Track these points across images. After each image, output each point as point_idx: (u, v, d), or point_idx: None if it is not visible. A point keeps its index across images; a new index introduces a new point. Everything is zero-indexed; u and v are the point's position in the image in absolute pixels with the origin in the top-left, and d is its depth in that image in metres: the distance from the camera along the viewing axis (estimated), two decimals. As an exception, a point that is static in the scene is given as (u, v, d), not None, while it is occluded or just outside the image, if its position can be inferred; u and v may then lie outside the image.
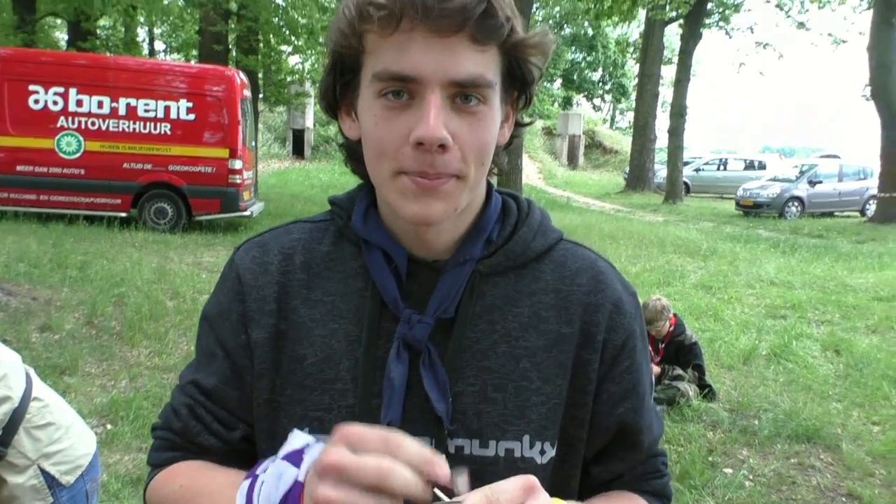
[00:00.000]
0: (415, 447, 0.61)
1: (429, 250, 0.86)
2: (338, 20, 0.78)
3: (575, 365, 0.86)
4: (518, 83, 0.82)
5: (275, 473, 0.70)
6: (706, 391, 5.04)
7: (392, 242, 0.86)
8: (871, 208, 18.54)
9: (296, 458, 0.70)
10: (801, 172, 20.33)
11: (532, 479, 0.61)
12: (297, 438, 0.72)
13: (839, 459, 4.26)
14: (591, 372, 0.87)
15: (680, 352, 5.18)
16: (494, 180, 0.95)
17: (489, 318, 0.85)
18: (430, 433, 0.81)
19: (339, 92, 0.84)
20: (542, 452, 0.84)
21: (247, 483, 0.72)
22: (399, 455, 0.60)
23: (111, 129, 10.53)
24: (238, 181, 10.96)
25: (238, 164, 10.92)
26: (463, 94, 0.75)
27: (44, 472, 1.86)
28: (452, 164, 0.76)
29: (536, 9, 27.35)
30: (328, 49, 0.82)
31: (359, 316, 0.85)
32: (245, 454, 0.89)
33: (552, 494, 0.67)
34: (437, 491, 0.60)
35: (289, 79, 17.58)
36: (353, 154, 0.87)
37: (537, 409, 0.84)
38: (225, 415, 0.89)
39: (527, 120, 0.90)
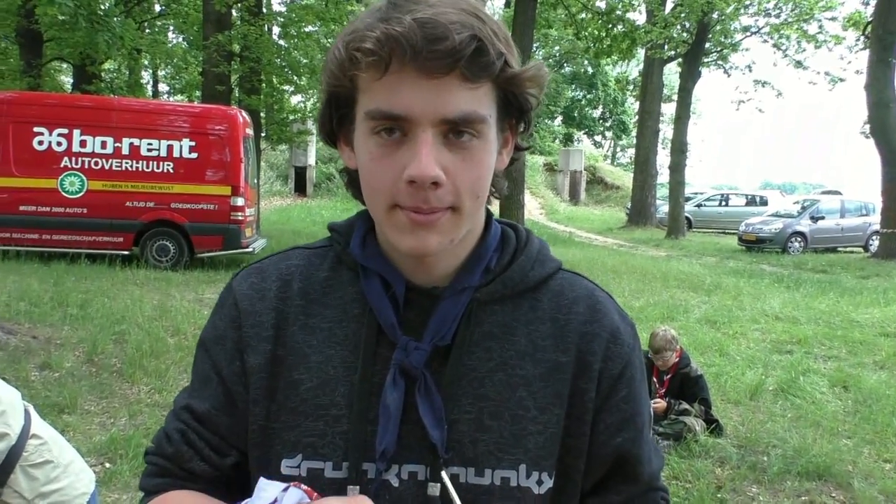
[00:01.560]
0: None
1: (427, 277, 0.86)
2: (330, 60, 0.78)
3: (571, 394, 0.86)
4: (515, 111, 0.82)
5: None
6: (713, 426, 4.96)
7: (390, 269, 0.86)
8: (875, 244, 18.53)
9: None
10: (804, 208, 20.40)
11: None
12: (267, 489, 0.72)
13: (851, 498, 4.16)
14: (588, 401, 0.86)
15: (685, 384, 5.11)
16: (497, 208, 0.94)
17: (486, 346, 0.85)
18: (425, 461, 0.81)
19: (335, 124, 0.85)
20: (540, 483, 0.83)
21: None
22: None
23: (114, 168, 10.60)
24: (240, 218, 10.99)
25: (240, 202, 10.96)
26: (455, 130, 0.75)
27: None
28: (446, 198, 0.76)
29: (536, 48, 27.73)
30: (322, 84, 0.82)
31: (355, 342, 0.85)
32: (236, 481, 0.88)
33: None
34: None
35: (291, 117, 17.76)
36: (354, 181, 0.87)
37: (534, 438, 0.83)
38: (217, 441, 0.88)
39: (526, 144, 0.89)
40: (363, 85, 0.76)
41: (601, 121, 49.36)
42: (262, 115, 16.08)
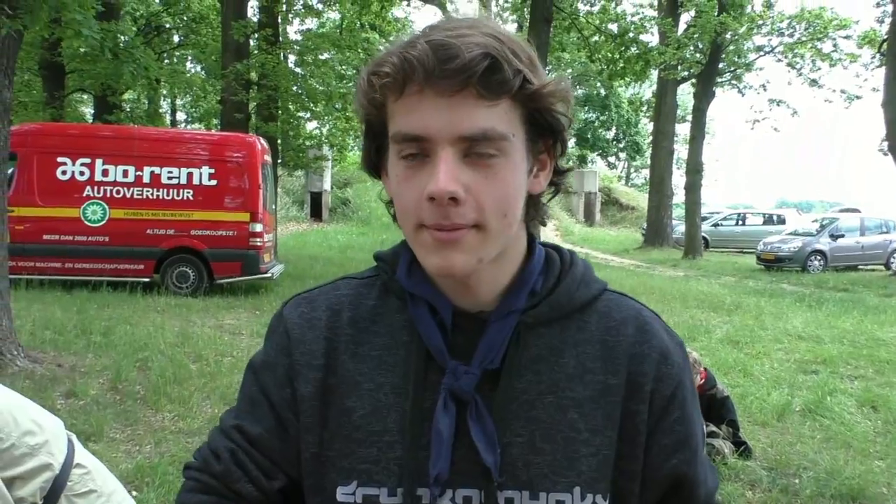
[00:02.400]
0: None
1: (473, 302, 0.86)
2: (357, 91, 0.81)
3: (623, 416, 0.85)
4: (547, 131, 0.83)
5: None
6: (742, 448, 4.89)
7: (436, 294, 0.87)
8: (896, 262, 18.32)
9: None
10: (822, 226, 20.25)
11: None
12: None
13: (887, 520, 4.08)
14: (640, 423, 0.86)
15: (712, 406, 5.04)
16: (542, 233, 0.95)
17: (535, 369, 0.85)
18: (479, 485, 0.82)
19: (374, 155, 0.87)
20: None
21: None
22: None
23: (135, 196, 10.72)
24: (259, 244, 11.06)
25: (259, 227, 11.04)
26: (476, 147, 0.76)
27: None
28: (468, 215, 0.77)
29: (549, 71, 27.85)
30: (359, 116, 0.85)
31: (405, 369, 0.86)
32: None
33: None
34: None
35: (307, 143, 17.92)
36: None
37: (587, 461, 0.83)
38: (268, 464, 0.89)
39: (566, 166, 0.90)
40: (390, 111, 0.78)
41: (615, 142, 49.39)
42: (278, 141, 16.22)
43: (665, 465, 0.86)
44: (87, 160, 10.58)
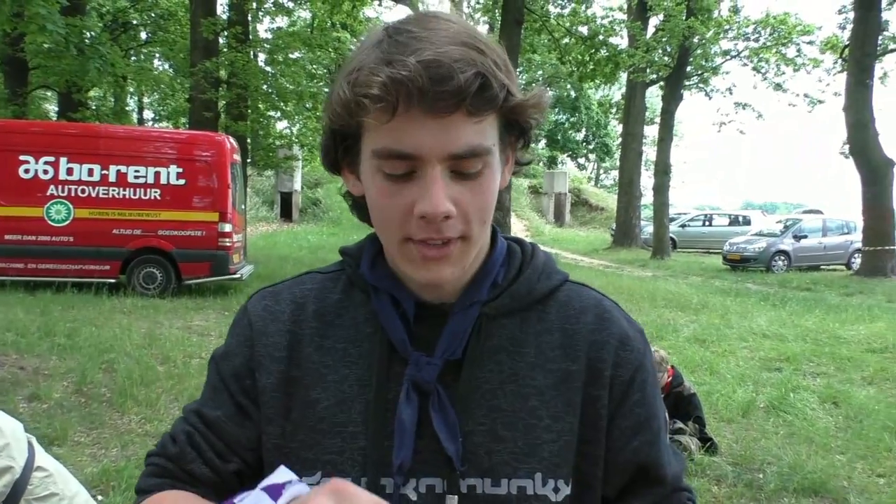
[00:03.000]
0: None
1: (436, 294, 0.88)
2: (335, 100, 0.78)
3: (584, 402, 0.87)
4: (516, 131, 0.84)
5: (252, 502, 0.71)
6: (708, 444, 4.97)
7: (399, 287, 0.88)
8: (857, 262, 18.74)
9: (275, 491, 0.70)
10: (786, 227, 20.65)
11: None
12: (282, 474, 0.73)
13: (847, 513, 4.18)
14: (601, 408, 0.87)
15: (679, 403, 5.13)
16: (514, 234, 0.97)
17: (497, 359, 0.87)
18: (442, 474, 0.83)
19: (339, 154, 0.86)
20: (556, 490, 0.84)
21: None
22: None
23: (101, 195, 10.52)
24: (228, 244, 10.94)
25: (228, 228, 10.92)
26: (463, 163, 0.77)
27: None
28: (457, 228, 0.78)
29: (520, 72, 28.03)
30: (326, 119, 0.83)
31: (369, 360, 0.87)
32: (236, 491, 0.89)
33: None
34: None
35: (277, 143, 17.79)
36: (359, 206, 0.89)
37: (549, 447, 0.84)
38: (222, 446, 0.89)
39: (526, 159, 0.91)
40: (369, 125, 0.77)
41: (584, 143, 49.78)
42: (248, 140, 16.08)
43: (626, 448, 0.88)
44: (51, 158, 10.36)
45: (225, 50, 15.40)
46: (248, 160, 15.87)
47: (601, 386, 0.87)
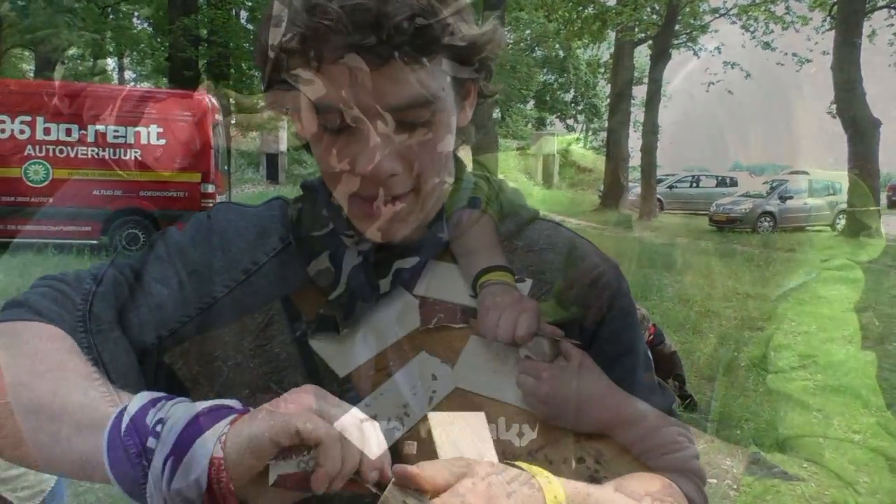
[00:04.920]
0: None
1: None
2: (257, 49, 0.72)
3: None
4: (474, 65, 0.76)
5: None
6: (687, 402, 5.02)
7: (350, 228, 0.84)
8: (841, 223, 18.85)
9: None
10: (772, 188, 20.68)
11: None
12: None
13: (823, 468, 4.24)
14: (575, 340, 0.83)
15: (660, 362, 5.14)
16: (469, 158, 0.91)
17: None
18: (399, 417, 0.80)
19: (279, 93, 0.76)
20: (521, 434, 0.80)
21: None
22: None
23: (80, 156, 10.38)
24: (211, 205, 10.79)
25: (211, 188, 10.82)
26: (407, 115, 0.71)
27: (2, 499, 1.76)
28: (405, 183, 0.74)
29: (508, 31, 27.70)
30: (259, 45, 0.73)
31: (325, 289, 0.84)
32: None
33: None
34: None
35: (261, 103, 17.56)
36: (310, 149, 0.81)
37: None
38: (147, 314, 0.80)
39: (490, 90, 0.83)
40: (305, 74, 0.70)
41: (573, 104, 49.45)
42: (231, 100, 15.84)
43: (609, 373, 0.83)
44: (28, 118, 10.20)
45: (205, 7, 15.06)
46: (231, 121, 15.65)
47: (570, 324, 0.83)
